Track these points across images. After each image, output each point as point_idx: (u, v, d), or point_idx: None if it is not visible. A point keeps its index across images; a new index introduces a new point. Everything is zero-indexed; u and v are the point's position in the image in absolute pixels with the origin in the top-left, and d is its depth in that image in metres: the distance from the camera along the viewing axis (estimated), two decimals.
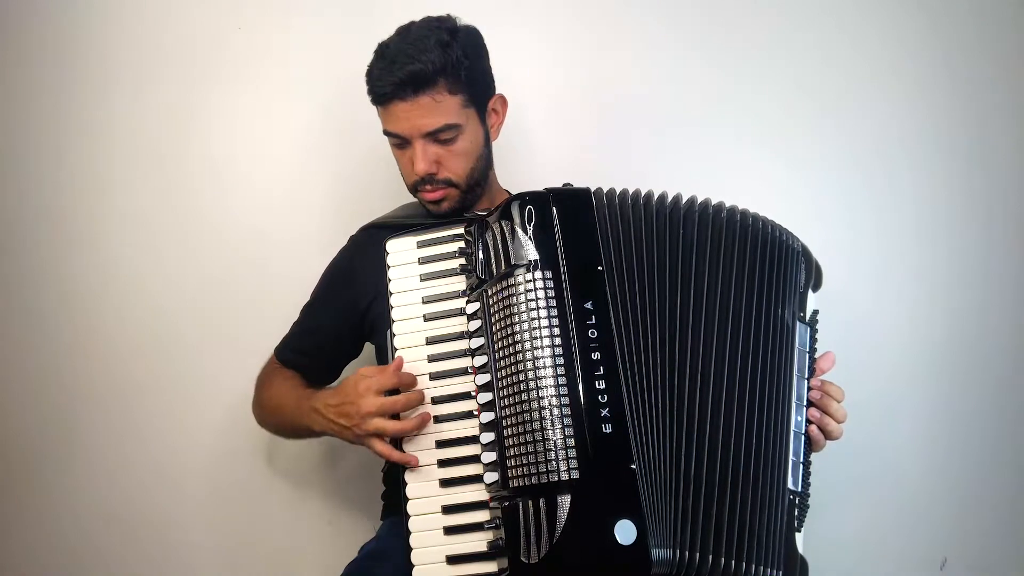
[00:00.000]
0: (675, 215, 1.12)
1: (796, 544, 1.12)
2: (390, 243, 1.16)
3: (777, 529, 1.08)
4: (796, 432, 1.13)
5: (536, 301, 1.02)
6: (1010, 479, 1.60)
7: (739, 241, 1.13)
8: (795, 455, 1.12)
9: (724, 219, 1.13)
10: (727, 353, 1.08)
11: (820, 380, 1.17)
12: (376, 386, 1.08)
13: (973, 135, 1.64)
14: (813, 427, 1.15)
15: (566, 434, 0.98)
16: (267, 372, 1.39)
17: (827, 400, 1.16)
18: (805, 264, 1.20)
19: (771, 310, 1.13)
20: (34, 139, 1.64)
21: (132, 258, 1.63)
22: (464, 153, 1.25)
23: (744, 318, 1.10)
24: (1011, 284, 1.62)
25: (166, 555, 1.59)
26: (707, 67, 1.66)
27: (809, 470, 1.16)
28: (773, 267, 1.14)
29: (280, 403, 1.31)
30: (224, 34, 1.65)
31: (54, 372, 1.61)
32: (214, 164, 1.65)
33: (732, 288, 1.11)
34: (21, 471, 1.60)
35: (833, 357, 1.20)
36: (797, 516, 1.13)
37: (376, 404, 1.07)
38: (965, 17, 1.65)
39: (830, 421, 1.16)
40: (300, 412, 1.21)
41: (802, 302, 1.19)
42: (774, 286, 1.14)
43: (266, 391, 1.36)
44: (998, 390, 1.61)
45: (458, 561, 1.03)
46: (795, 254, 1.18)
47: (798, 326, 1.16)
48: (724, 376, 1.07)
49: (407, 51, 1.19)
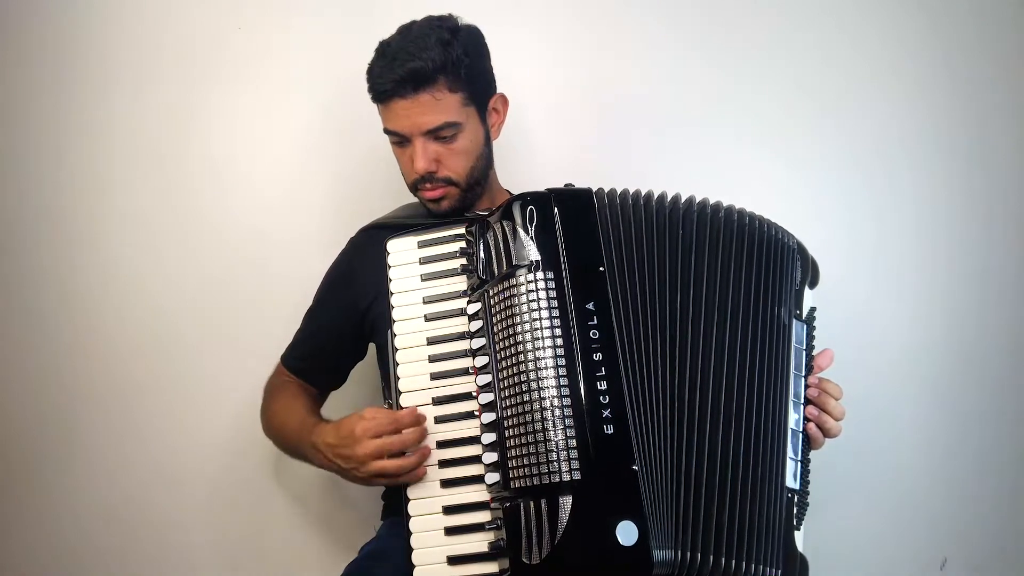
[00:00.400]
0: (675, 215, 1.12)
1: (795, 542, 1.12)
2: (391, 243, 1.16)
3: (775, 527, 1.08)
4: (794, 430, 1.13)
5: (538, 301, 1.02)
6: (1010, 479, 1.60)
7: (735, 240, 1.12)
8: (793, 453, 1.12)
9: (722, 218, 1.13)
10: (725, 352, 1.08)
11: (818, 378, 1.17)
12: (375, 430, 1.07)
13: (973, 135, 1.64)
14: (811, 425, 1.15)
15: (568, 435, 0.98)
16: (274, 384, 1.39)
17: (825, 397, 1.16)
18: (801, 261, 1.20)
19: (767, 308, 1.13)
20: (34, 139, 1.64)
21: (132, 258, 1.63)
22: (464, 152, 1.25)
23: (741, 317, 1.10)
24: (1011, 284, 1.62)
25: (166, 555, 1.59)
26: (707, 67, 1.66)
27: (808, 468, 1.16)
28: (769, 265, 1.14)
29: (284, 423, 1.30)
30: (224, 34, 1.65)
31: (54, 372, 1.61)
32: (214, 164, 1.65)
33: (729, 287, 1.11)
34: (21, 471, 1.60)
35: (832, 354, 1.20)
36: (796, 514, 1.12)
37: (374, 447, 1.06)
38: (965, 17, 1.65)
39: (828, 419, 1.15)
40: (301, 444, 1.20)
41: (798, 300, 1.19)
42: (770, 284, 1.14)
43: (272, 404, 1.36)
44: (998, 390, 1.61)
45: (459, 562, 1.03)
46: (791, 252, 1.18)
47: (795, 324, 1.16)
48: (723, 375, 1.08)
49: (408, 49, 1.19)
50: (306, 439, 1.17)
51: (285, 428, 1.30)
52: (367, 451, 1.06)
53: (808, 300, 1.22)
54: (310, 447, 1.16)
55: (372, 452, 1.06)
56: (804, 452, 1.15)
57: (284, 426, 1.30)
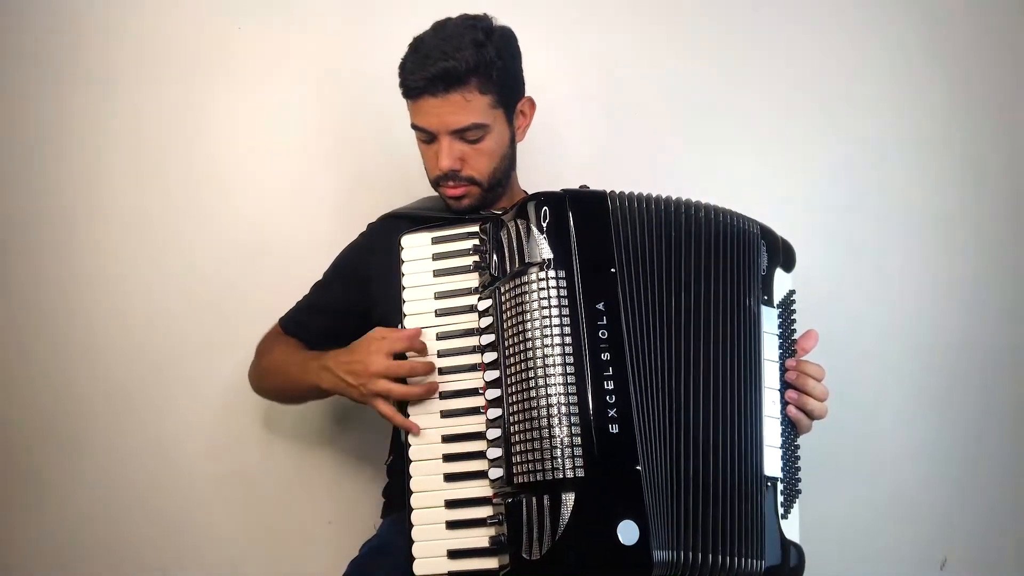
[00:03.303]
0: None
1: (781, 531, 1.10)
2: (405, 238, 1.16)
3: (754, 518, 1.06)
4: (772, 417, 1.12)
5: (548, 300, 1.02)
6: (1010, 479, 1.60)
7: (695, 235, 1.12)
8: (772, 441, 1.11)
9: (682, 214, 1.12)
10: (701, 348, 1.08)
11: (797, 360, 1.16)
12: (387, 347, 1.09)
13: (973, 135, 1.65)
14: (792, 408, 1.14)
15: (573, 432, 0.98)
16: (270, 339, 1.40)
17: (803, 379, 1.14)
18: (767, 246, 1.18)
19: (733, 298, 1.12)
20: (34, 139, 1.64)
21: (133, 258, 1.63)
22: (489, 153, 1.26)
23: (712, 310, 1.10)
24: (1011, 283, 1.63)
25: (166, 555, 1.58)
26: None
27: (797, 454, 1.14)
28: (730, 255, 1.13)
29: (286, 361, 1.31)
30: (225, 34, 1.66)
31: (55, 372, 1.60)
32: (215, 164, 1.65)
33: (701, 283, 1.10)
34: (21, 471, 1.59)
35: (816, 335, 1.18)
36: (783, 503, 1.11)
37: (384, 364, 1.09)
38: (965, 17, 1.66)
39: (808, 400, 1.14)
40: (308, 370, 1.22)
41: (766, 285, 1.17)
42: (732, 274, 1.12)
43: (268, 355, 1.37)
44: (999, 390, 1.62)
45: (459, 556, 1.03)
46: (752, 238, 1.16)
47: (764, 310, 1.15)
48: (701, 371, 1.07)
49: (442, 47, 1.20)
50: (315, 363, 1.20)
51: (289, 364, 1.30)
52: (377, 367, 1.08)
53: (787, 283, 1.20)
54: (320, 368, 1.18)
55: (381, 370, 1.08)
56: (789, 438, 1.14)
57: (287, 363, 1.31)
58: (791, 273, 1.22)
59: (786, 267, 1.22)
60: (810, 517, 1.15)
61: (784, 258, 1.21)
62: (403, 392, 1.09)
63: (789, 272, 1.22)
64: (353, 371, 1.12)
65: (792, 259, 1.23)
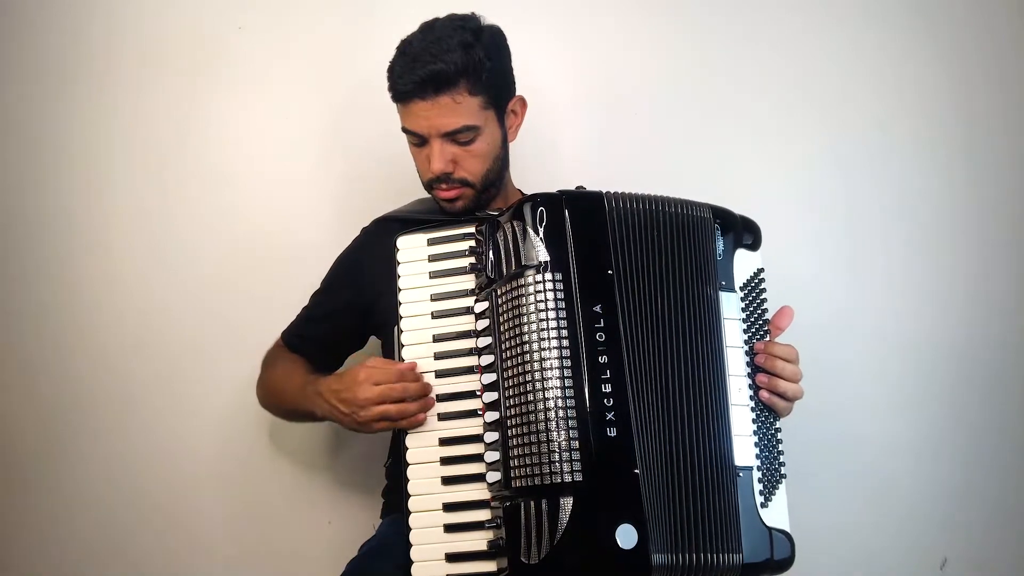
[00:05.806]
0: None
1: (761, 520, 1.07)
2: (400, 240, 1.16)
3: (726, 512, 1.04)
4: (739, 406, 1.09)
5: (545, 302, 1.02)
6: (1010, 479, 1.60)
7: (668, 231, 1.10)
8: (742, 430, 1.08)
9: (664, 212, 1.10)
10: (675, 345, 1.06)
11: (765, 343, 1.13)
12: (378, 378, 1.08)
13: (973, 135, 1.65)
14: (764, 392, 1.11)
15: (571, 436, 0.98)
16: (273, 354, 1.40)
17: (772, 361, 1.11)
18: (723, 228, 1.15)
19: (693, 289, 1.09)
20: (35, 139, 1.64)
21: (134, 258, 1.63)
22: (481, 154, 1.25)
23: (680, 305, 1.08)
24: (1011, 283, 1.63)
25: (167, 556, 1.59)
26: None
27: (776, 439, 1.12)
28: (687, 245, 1.11)
29: (284, 385, 1.31)
30: (226, 35, 1.66)
31: (56, 372, 1.61)
32: (216, 164, 1.65)
33: (669, 278, 1.08)
34: (22, 471, 1.59)
35: (791, 311, 1.16)
36: (762, 491, 1.08)
37: (375, 392, 1.08)
38: (964, 17, 1.66)
39: (779, 382, 1.11)
40: (304, 396, 1.22)
41: (725, 270, 1.14)
42: (689, 264, 1.10)
43: (271, 372, 1.37)
44: (999, 390, 1.61)
45: (457, 559, 1.03)
46: (702, 223, 1.13)
47: (724, 296, 1.12)
48: (673, 368, 1.06)
49: (430, 50, 1.19)
50: (310, 389, 1.20)
51: (286, 389, 1.30)
52: (369, 396, 1.08)
53: (753, 262, 1.17)
54: (314, 394, 1.18)
55: (373, 397, 1.07)
56: (765, 424, 1.11)
57: (285, 388, 1.31)
58: (758, 251, 1.18)
59: (751, 246, 1.18)
60: (810, 517, 1.15)
61: (746, 237, 1.18)
62: (400, 410, 1.07)
63: (756, 251, 1.18)
64: (344, 400, 1.11)
65: (757, 236, 1.18)
